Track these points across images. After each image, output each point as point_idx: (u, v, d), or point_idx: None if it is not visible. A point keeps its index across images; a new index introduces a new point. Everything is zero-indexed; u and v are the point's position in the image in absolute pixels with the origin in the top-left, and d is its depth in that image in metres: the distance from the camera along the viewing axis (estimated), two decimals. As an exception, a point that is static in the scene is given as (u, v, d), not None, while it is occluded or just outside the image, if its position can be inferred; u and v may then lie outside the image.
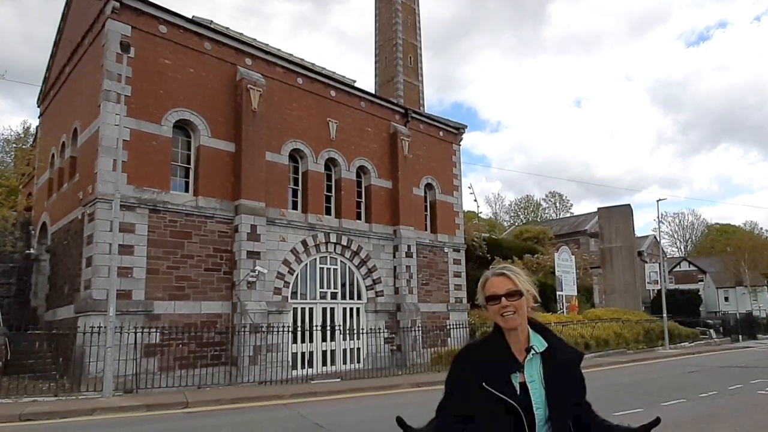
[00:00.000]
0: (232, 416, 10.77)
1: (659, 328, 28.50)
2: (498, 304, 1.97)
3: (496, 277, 2.02)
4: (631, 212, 36.02)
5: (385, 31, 43.87)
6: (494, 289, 2.00)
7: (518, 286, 1.99)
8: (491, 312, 2.01)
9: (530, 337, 2.03)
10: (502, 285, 1.99)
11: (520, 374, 1.95)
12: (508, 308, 1.96)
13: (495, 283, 2.01)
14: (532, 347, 1.99)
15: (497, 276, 2.02)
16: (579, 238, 48.78)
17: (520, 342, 2.00)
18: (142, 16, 16.15)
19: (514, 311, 1.96)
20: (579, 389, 2.05)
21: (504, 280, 2.00)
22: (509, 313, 1.96)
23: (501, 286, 1.99)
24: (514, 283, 1.99)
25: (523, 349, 1.99)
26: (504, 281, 2.00)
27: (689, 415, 9.49)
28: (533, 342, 2.01)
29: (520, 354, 1.99)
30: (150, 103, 16.03)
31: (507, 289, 1.98)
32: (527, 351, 1.99)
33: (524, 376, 1.95)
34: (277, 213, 18.56)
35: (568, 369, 2.01)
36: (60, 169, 19.17)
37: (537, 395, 1.92)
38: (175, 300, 15.71)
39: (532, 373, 1.96)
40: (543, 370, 1.97)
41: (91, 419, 10.44)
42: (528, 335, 2.03)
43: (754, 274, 50.90)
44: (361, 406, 11.88)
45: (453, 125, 26.60)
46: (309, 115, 20.22)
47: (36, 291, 20.20)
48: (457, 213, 26.12)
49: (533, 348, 1.99)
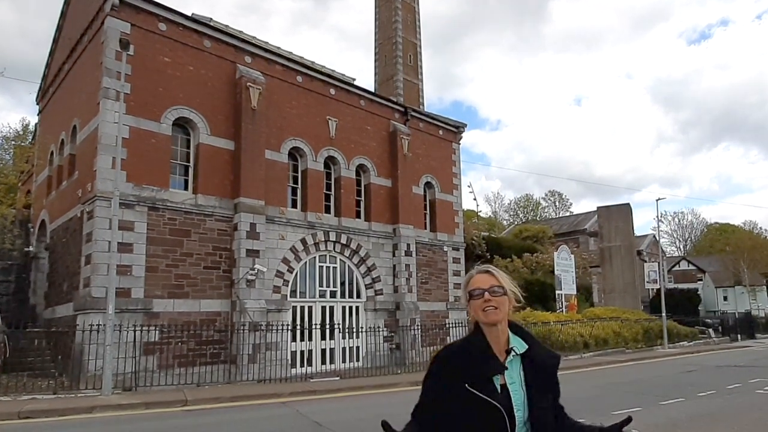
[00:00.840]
0: (231, 414, 10.77)
1: (658, 327, 28.52)
2: (481, 298, 1.99)
3: (480, 275, 2.06)
4: (631, 211, 36.03)
5: (384, 29, 43.81)
6: (478, 284, 2.02)
7: (501, 283, 2.01)
8: (473, 308, 2.02)
9: (510, 339, 2.03)
10: (486, 281, 2.02)
11: (501, 376, 1.95)
12: (490, 302, 1.97)
13: (479, 280, 2.04)
14: (513, 349, 1.99)
15: (481, 273, 2.06)
16: (578, 237, 48.81)
17: (501, 343, 2.00)
18: (141, 14, 16.12)
19: (495, 306, 1.97)
20: (556, 392, 2.07)
21: (488, 277, 2.03)
22: (491, 308, 1.97)
23: (485, 282, 2.02)
24: (497, 281, 2.02)
25: (503, 350, 1.99)
26: (488, 278, 2.03)
27: (688, 415, 9.50)
28: (513, 343, 2.01)
29: (500, 355, 1.98)
30: (149, 101, 16.00)
31: (490, 284, 2.00)
32: (507, 352, 1.99)
33: (505, 378, 1.95)
34: (277, 211, 18.55)
35: (546, 372, 2.03)
36: (59, 166, 19.14)
37: (517, 397, 1.93)
38: (175, 298, 15.70)
39: (513, 375, 1.97)
40: (523, 372, 1.98)
41: (90, 417, 10.43)
42: (508, 337, 2.03)
43: (753, 273, 50.95)
44: (360, 405, 11.88)
45: (453, 124, 26.59)
46: (308, 114, 20.21)
47: (35, 289, 20.20)
48: (457, 212, 26.12)
49: (514, 349, 1.99)
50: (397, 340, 21.26)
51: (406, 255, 22.31)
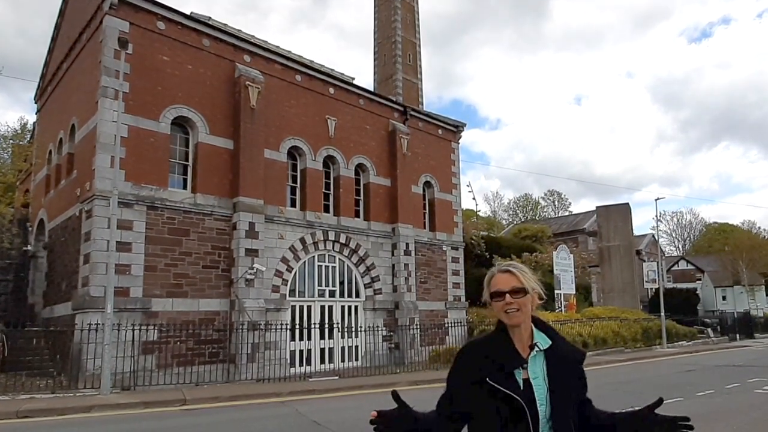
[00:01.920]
0: (229, 414, 10.76)
1: (657, 326, 28.55)
2: (502, 300, 1.97)
3: (501, 274, 2.03)
4: (630, 211, 36.06)
5: (384, 29, 43.79)
6: (499, 286, 2.00)
7: (523, 283, 1.99)
8: (495, 308, 2.01)
9: (534, 335, 2.03)
10: (507, 282, 1.99)
11: (523, 370, 1.95)
12: (512, 305, 1.96)
13: (500, 280, 2.01)
14: (536, 344, 2.00)
15: (503, 273, 2.03)
16: (577, 237, 48.82)
17: (524, 339, 2.01)
18: (140, 13, 16.09)
19: (517, 308, 1.97)
20: (581, 387, 2.06)
21: (509, 277, 2.01)
22: (513, 309, 1.96)
23: (506, 283, 1.99)
24: (519, 281, 1.99)
25: (527, 345, 2.00)
26: (509, 278, 2.00)
27: (686, 414, 9.47)
28: (537, 339, 2.02)
29: (523, 351, 1.99)
30: (148, 100, 15.98)
31: (512, 286, 1.98)
32: (531, 348, 1.99)
33: (528, 373, 1.95)
34: (276, 210, 18.54)
35: (570, 367, 2.03)
36: (57, 165, 19.11)
37: (540, 392, 1.93)
38: (173, 297, 15.69)
39: (536, 370, 1.97)
40: (546, 367, 1.98)
41: (88, 416, 10.41)
42: (531, 332, 2.03)
43: (752, 273, 51.01)
44: (359, 404, 11.86)
45: (452, 123, 26.59)
46: (307, 113, 20.19)
47: (33, 288, 20.17)
48: (456, 211, 26.12)
49: (537, 345, 2.00)
50: (396, 340, 21.25)
51: (405, 254, 22.31)
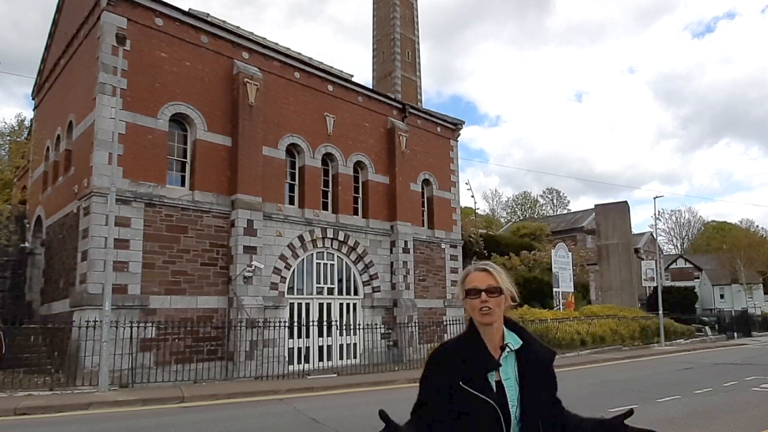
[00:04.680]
0: (228, 411, 10.74)
1: (655, 325, 28.60)
2: (478, 298, 1.97)
3: (478, 273, 2.03)
4: (628, 209, 36.10)
5: (382, 26, 43.70)
6: (475, 284, 1.99)
7: (499, 283, 1.99)
8: (470, 306, 2.01)
9: (505, 335, 2.02)
10: (484, 280, 1.99)
11: (496, 372, 1.95)
12: (487, 303, 1.96)
13: (476, 278, 2.01)
14: (507, 345, 2.00)
15: (479, 271, 2.03)
16: (576, 235, 48.82)
17: (495, 340, 2.00)
18: (137, 9, 16.02)
19: (492, 307, 1.96)
20: (552, 386, 2.05)
21: (486, 276, 2.00)
22: (487, 309, 1.96)
23: (482, 281, 1.99)
24: (495, 280, 1.99)
25: (498, 346, 1.99)
26: (486, 277, 2.00)
27: (684, 412, 9.51)
28: (508, 340, 2.01)
29: (495, 351, 1.98)
30: (146, 97, 15.93)
31: (488, 284, 1.98)
32: (502, 349, 1.99)
33: (500, 374, 1.95)
34: (274, 208, 18.51)
35: (541, 367, 2.02)
36: (55, 162, 19.06)
37: (512, 393, 1.93)
38: (171, 294, 15.67)
39: (507, 371, 1.97)
40: (517, 368, 1.98)
41: (86, 413, 10.40)
42: (503, 333, 2.03)
43: (750, 271, 51.11)
44: (358, 402, 11.88)
45: (451, 121, 26.57)
46: (306, 110, 20.15)
47: (31, 285, 20.13)
48: (455, 209, 26.12)
49: (508, 345, 2.00)
50: (394, 337, 21.26)
51: (404, 252, 22.31)
